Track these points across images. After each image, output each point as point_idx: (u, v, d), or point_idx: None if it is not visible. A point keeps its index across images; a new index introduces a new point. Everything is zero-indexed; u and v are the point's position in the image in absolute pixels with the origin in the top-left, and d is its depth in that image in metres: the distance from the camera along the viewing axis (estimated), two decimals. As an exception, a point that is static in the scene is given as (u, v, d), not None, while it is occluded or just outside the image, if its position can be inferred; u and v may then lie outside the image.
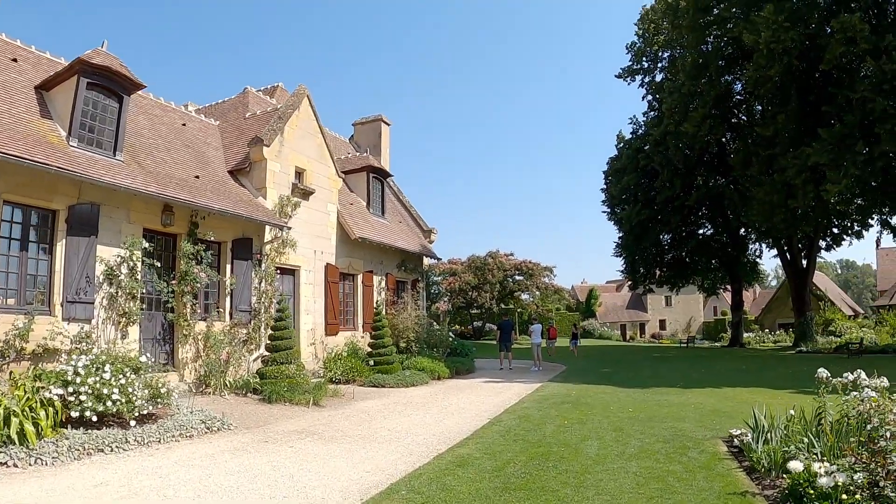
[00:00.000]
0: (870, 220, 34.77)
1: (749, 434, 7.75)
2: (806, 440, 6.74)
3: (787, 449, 6.67)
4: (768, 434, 7.39)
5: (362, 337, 20.45)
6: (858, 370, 7.33)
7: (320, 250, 18.91)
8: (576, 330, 36.74)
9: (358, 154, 25.16)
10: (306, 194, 18.30)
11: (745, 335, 48.33)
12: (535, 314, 44.72)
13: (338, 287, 19.76)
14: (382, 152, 27.77)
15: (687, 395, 14.36)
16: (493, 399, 14.18)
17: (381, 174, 24.52)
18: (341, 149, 25.63)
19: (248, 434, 9.54)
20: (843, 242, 38.54)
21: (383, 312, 19.25)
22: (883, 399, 6.47)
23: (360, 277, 21.36)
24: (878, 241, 62.64)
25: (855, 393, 6.98)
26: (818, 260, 42.04)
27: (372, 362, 17.61)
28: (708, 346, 51.24)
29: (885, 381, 7.02)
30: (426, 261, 27.10)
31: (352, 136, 29.01)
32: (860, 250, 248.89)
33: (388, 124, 28.85)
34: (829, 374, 7.49)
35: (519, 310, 50.99)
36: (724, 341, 52.50)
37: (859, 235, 37.52)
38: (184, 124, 17.86)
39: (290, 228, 17.11)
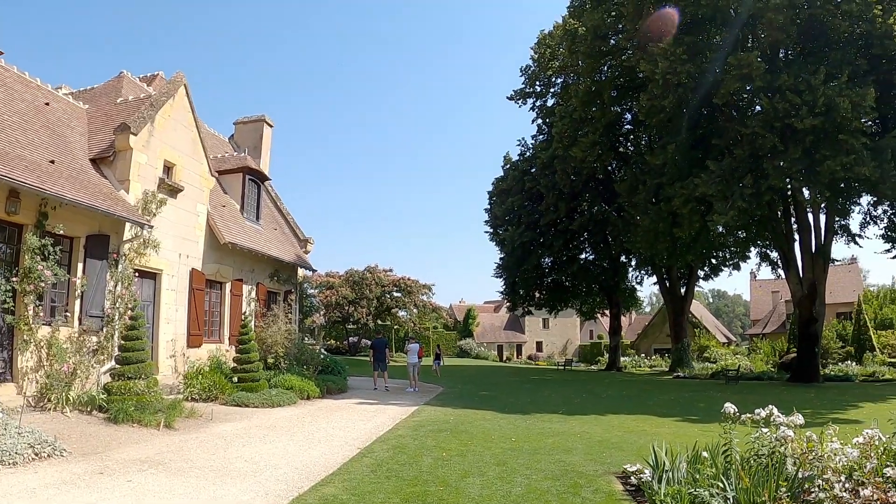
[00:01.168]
0: (748, 253, 36.82)
1: (647, 471, 7.27)
2: (721, 484, 6.18)
3: (695, 491, 6.10)
4: (670, 473, 6.89)
5: (227, 350, 19.08)
6: (771, 406, 6.94)
7: (186, 254, 17.50)
8: (439, 350, 37.14)
9: (236, 154, 23.75)
10: (174, 192, 16.90)
11: (622, 359, 49.70)
12: (413, 333, 44.20)
13: (203, 295, 18.36)
14: (263, 155, 26.38)
15: (571, 423, 14.04)
16: (364, 424, 13.32)
17: (259, 177, 23.27)
18: (219, 147, 24.16)
19: (82, 463, 8.27)
20: (721, 273, 40.61)
21: (251, 325, 17.95)
22: (821, 440, 6.14)
23: (228, 286, 20.00)
24: (754, 273, 66.88)
25: (766, 429, 6.64)
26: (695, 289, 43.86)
27: (236, 379, 16.40)
28: (585, 368, 52.19)
29: (800, 419, 6.66)
30: (301, 272, 25.96)
31: (232, 135, 27.44)
32: (731, 281, 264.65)
33: (271, 126, 27.47)
34: (737, 409, 7.02)
35: (396, 327, 50.32)
36: (601, 364, 53.80)
37: (737, 267, 39.82)
38: (47, 104, 16.03)
39: (152, 227, 15.64)
